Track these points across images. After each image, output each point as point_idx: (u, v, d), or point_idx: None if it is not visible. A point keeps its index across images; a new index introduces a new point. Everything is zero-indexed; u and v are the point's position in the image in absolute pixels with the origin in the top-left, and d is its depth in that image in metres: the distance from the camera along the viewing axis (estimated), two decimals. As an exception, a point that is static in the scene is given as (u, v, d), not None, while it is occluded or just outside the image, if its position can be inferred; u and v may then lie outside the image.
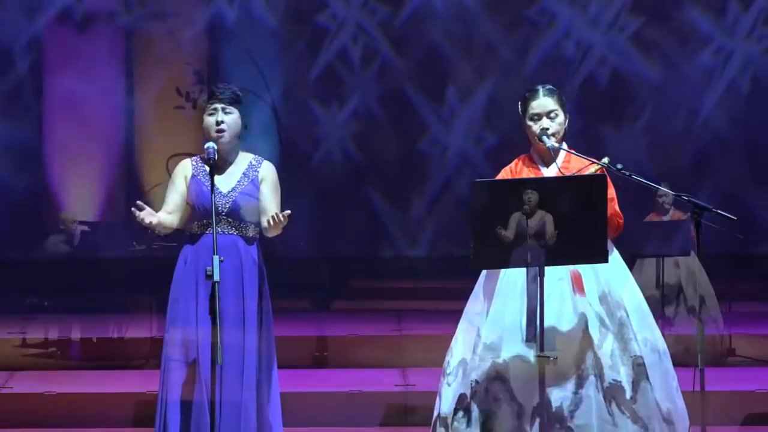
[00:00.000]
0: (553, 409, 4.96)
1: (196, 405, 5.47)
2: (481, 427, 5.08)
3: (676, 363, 5.26)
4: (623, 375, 5.05)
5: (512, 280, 5.19)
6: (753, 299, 11.81)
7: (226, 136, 5.62)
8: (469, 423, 5.12)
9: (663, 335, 5.33)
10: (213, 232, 5.40)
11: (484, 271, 5.29)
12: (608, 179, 5.08)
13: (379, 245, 13.25)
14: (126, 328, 10.41)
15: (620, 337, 5.11)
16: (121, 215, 13.01)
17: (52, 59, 13.53)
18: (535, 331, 4.90)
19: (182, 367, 5.54)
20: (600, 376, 5.02)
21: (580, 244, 4.87)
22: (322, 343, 9.71)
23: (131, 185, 13.60)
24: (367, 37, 13.47)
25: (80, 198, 13.33)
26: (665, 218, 9.90)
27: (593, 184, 4.92)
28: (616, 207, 5.26)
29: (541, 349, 4.87)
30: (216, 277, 5.20)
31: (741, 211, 8.49)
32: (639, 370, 5.08)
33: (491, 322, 5.19)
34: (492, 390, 5.08)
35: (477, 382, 5.11)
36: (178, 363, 5.55)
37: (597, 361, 5.03)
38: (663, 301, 9.60)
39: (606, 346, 5.05)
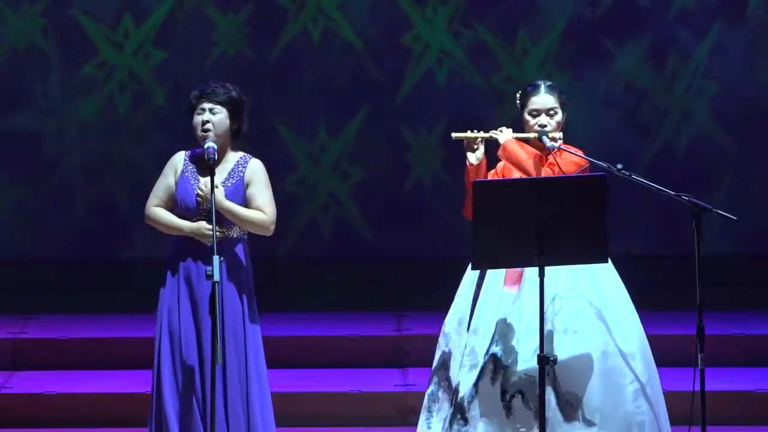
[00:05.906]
0: (458, 399, 5.00)
1: (194, 405, 5.48)
2: (426, 409, 5.24)
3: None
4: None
5: (471, 278, 5.27)
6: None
7: (212, 135, 5.62)
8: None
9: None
10: (213, 233, 5.41)
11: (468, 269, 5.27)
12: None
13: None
14: (125, 328, 10.40)
15: (547, 333, 4.91)
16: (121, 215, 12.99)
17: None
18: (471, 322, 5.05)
19: (177, 369, 5.56)
20: (507, 369, 4.93)
21: (579, 245, 4.83)
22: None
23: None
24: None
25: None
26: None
27: (593, 185, 4.88)
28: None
29: (541, 350, 4.82)
30: (216, 277, 5.24)
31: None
32: (552, 368, 4.91)
33: (451, 314, 5.33)
34: (438, 376, 5.22)
35: (432, 368, 5.28)
36: (172, 364, 5.56)
37: (509, 353, 4.91)
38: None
39: (530, 341, 4.93)
